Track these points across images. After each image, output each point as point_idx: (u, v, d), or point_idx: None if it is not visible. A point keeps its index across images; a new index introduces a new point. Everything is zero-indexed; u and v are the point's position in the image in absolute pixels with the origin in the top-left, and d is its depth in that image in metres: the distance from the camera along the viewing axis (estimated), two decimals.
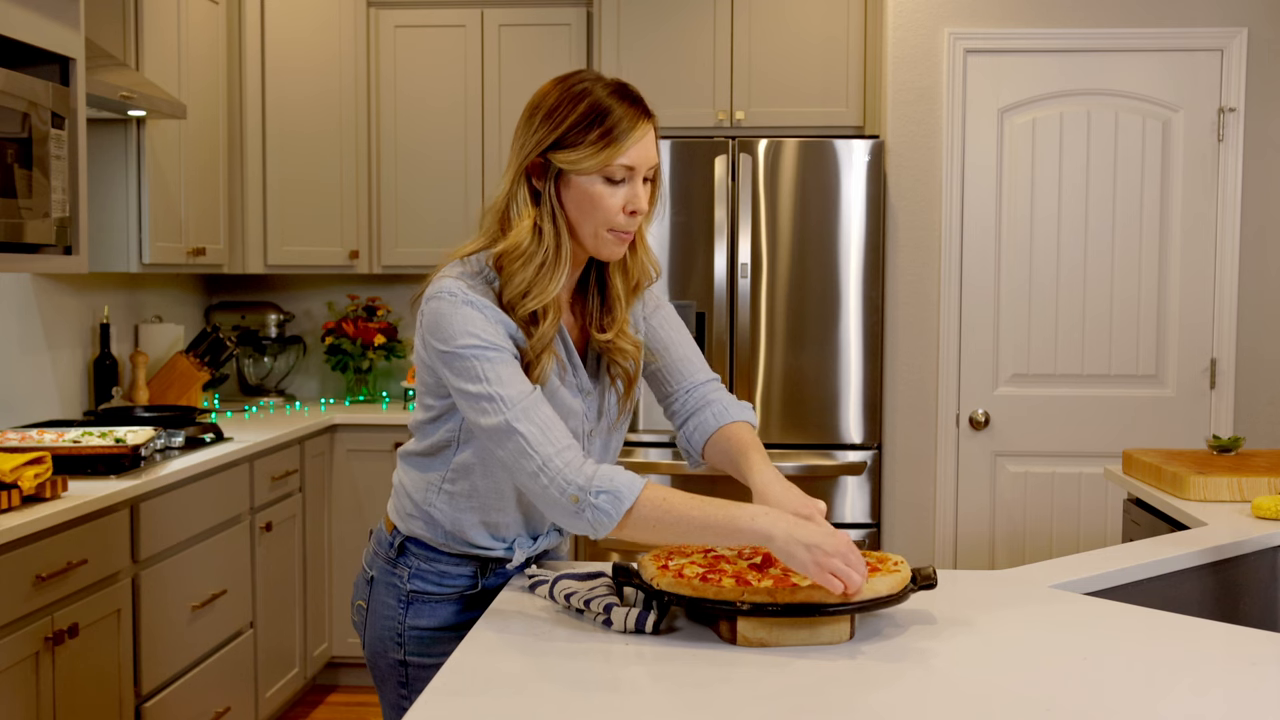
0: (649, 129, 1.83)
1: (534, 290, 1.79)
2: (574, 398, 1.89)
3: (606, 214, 1.80)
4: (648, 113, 1.84)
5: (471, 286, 1.80)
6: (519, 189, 1.82)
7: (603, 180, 1.79)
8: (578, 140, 1.78)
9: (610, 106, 1.80)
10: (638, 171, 1.81)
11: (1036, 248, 4.21)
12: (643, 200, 1.82)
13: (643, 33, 4.45)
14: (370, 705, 4.38)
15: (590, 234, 1.83)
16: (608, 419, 1.97)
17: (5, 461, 2.65)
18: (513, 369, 1.77)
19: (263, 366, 4.85)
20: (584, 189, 1.80)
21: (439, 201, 4.69)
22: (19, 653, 2.54)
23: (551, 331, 1.81)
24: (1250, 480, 2.75)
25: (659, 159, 1.87)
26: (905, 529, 4.27)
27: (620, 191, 1.80)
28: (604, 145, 1.78)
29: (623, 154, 1.79)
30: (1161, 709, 1.48)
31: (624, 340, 1.91)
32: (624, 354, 1.92)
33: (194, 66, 4.08)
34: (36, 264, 2.98)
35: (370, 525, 4.44)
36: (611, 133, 1.78)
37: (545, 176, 1.81)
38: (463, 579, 1.96)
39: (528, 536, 1.98)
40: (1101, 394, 4.22)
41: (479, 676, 1.59)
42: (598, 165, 1.78)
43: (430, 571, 1.96)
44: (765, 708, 1.47)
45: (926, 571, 1.80)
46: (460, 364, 1.77)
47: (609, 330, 1.90)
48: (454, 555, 1.96)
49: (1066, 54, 4.17)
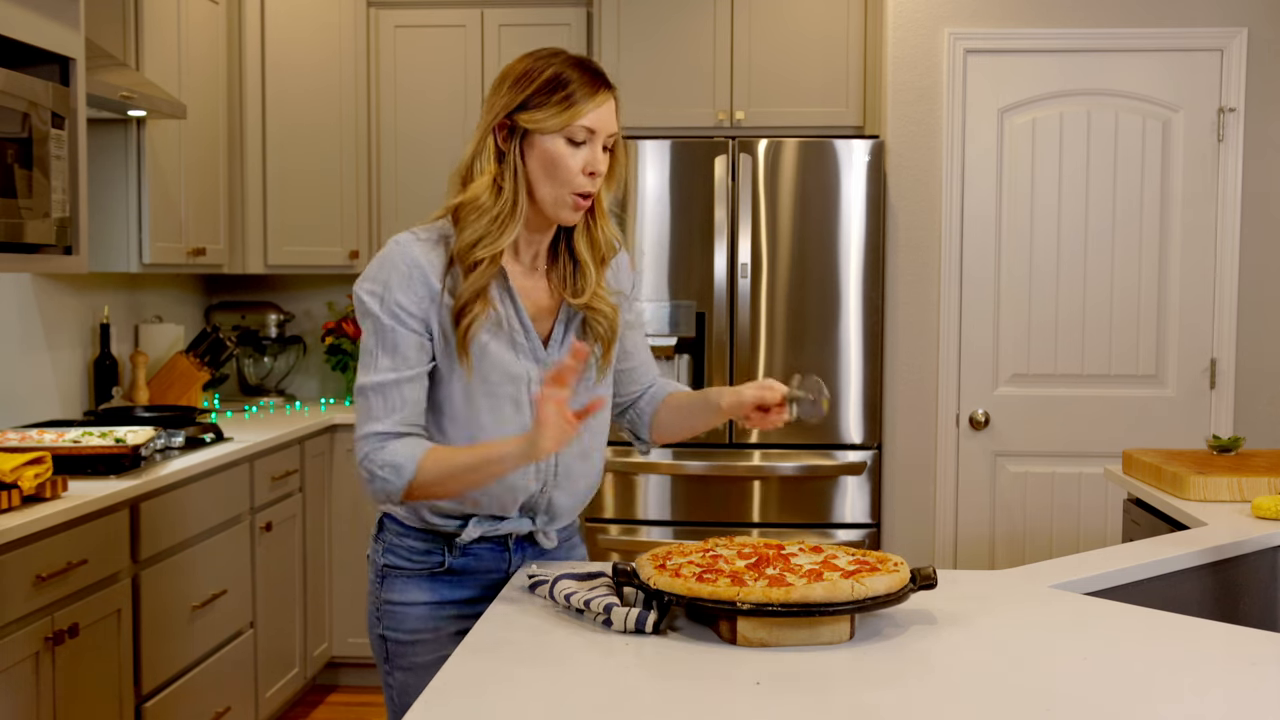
0: (609, 98, 1.94)
1: (484, 240, 1.91)
2: (518, 360, 1.96)
3: (567, 174, 1.91)
4: (609, 84, 1.95)
5: (420, 240, 1.94)
6: (484, 149, 1.96)
7: (564, 140, 1.90)
8: (542, 102, 1.90)
9: (574, 74, 1.91)
10: (598, 135, 1.92)
11: (1036, 247, 4.21)
12: (601, 164, 1.93)
13: (643, 33, 4.45)
14: (370, 705, 4.38)
15: (550, 196, 1.93)
16: (585, 385, 2.02)
17: (5, 461, 2.65)
18: (404, 343, 1.90)
19: (263, 366, 4.85)
20: (547, 149, 1.91)
21: (439, 201, 4.65)
22: (19, 653, 2.54)
23: (481, 280, 1.90)
24: (1250, 480, 2.75)
25: (619, 130, 1.97)
26: (905, 529, 4.27)
27: (581, 153, 1.91)
28: (566, 106, 1.89)
29: (583, 116, 1.90)
30: (1161, 709, 1.48)
31: (599, 302, 2.01)
32: (601, 314, 2.01)
33: (194, 66, 4.08)
34: (36, 264, 2.98)
35: (369, 525, 4.44)
36: (573, 96, 1.89)
37: (511, 138, 1.93)
38: (431, 555, 2.03)
39: (486, 516, 2.01)
40: (1101, 394, 4.22)
41: (479, 676, 1.59)
42: (560, 124, 1.89)
43: (401, 547, 2.04)
44: (765, 708, 1.47)
45: (926, 571, 1.80)
46: (366, 320, 1.92)
47: (583, 294, 2.00)
48: (420, 530, 2.02)
49: (1066, 54, 4.17)
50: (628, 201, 4.16)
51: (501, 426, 1.95)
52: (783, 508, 4.18)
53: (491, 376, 1.94)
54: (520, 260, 2.00)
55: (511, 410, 1.96)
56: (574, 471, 2.05)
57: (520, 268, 2.00)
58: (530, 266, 2.01)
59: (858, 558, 1.83)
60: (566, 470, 2.04)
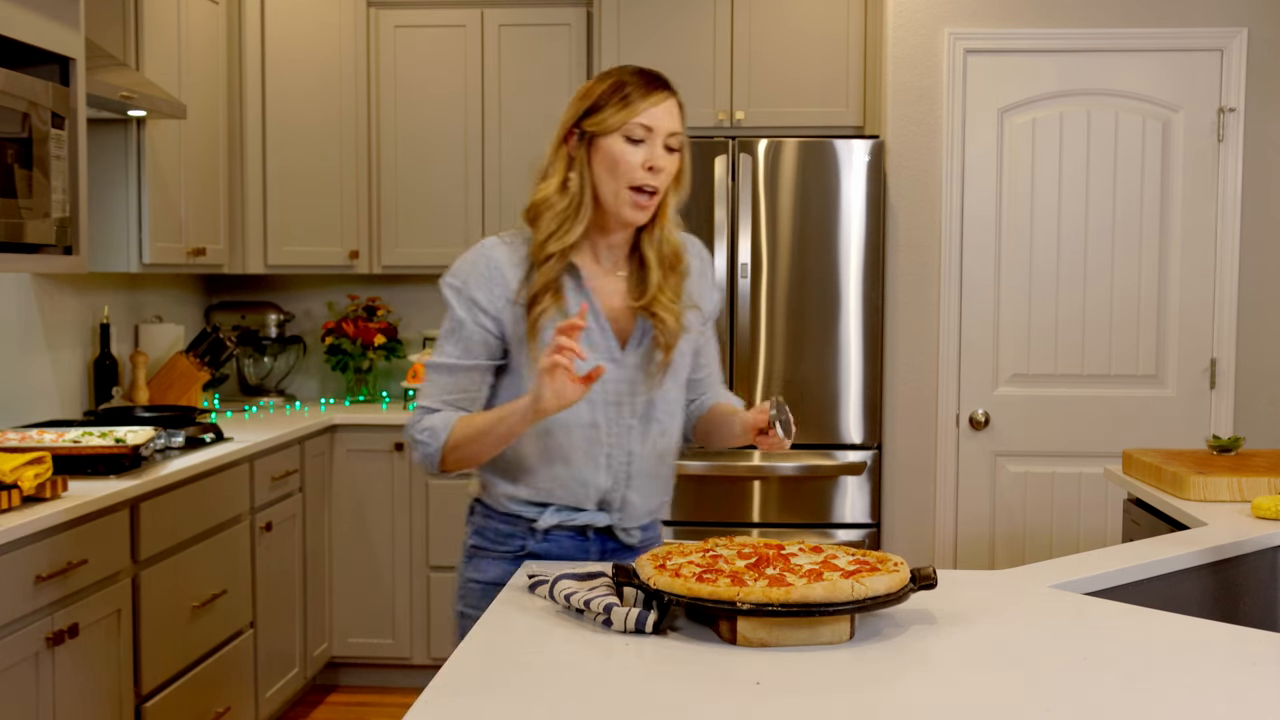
0: (668, 99, 2.05)
1: (555, 235, 2.04)
2: (593, 356, 2.03)
3: (626, 169, 2.01)
4: (668, 87, 2.06)
5: (504, 243, 2.11)
6: (556, 156, 2.09)
7: (624, 139, 2.02)
8: (603, 104, 2.03)
9: (632, 79, 2.05)
10: (656, 133, 2.02)
11: (1036, 247, 4.21)
12: (661, 160, 2.02)
13: (643, 33, 4.45)
14: (370, 705, 4.38)
15: (612, 193, 2.03)
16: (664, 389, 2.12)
17: (5, 461, 2.65)
18: (471, 336, 2.06)
19: (263, 366, 4.85)
20: (608, 148, 2.03)
21: (439, 202, 4.69)
22: (19, 653, 2.54)
23: (551, 274, 2.03)
24: (1250, 480, 2.75)
25: (682, 131, 2.06)
26: (905, 529, 4.27)
27: (640, 150, 2.02)
28: (623, 106, 2.01)
29: (639, 114, 2.01)
30: (1161, 709, 1.48)
31: (660, 308, 2.09)
32: (660, 320, 2.08)
33: (194, 66, 4.08)
34: (36, 264, 2.98)
35: (370, 525, 4.45)
36: (629, 96, 2.02)
37: (579, 143, 2.06)
38: (514, 539, 2.13)
39: (564, 506, 2.10)
40: (1101, 394, 4.22)
41: (479, 676, 1.59)
42: (618, 122, 2.01)
43: (487, 529, 2.16)
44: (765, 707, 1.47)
45: (926, 571, 1.80)
46: (448, 311, 2.09)
47: (644, 297, 2.09)
48: (504, 515, 2.14)
49: (1066, 54, 4.17)
50: None
51: (571, 420, 2.04)
52: (783, 508, 4.18)
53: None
54: (600, 263, 2.12)
55: (583, 406, 2.03)
56: (647, 471, 2.13)
57: (600, 269, 2.11)
58: (612, 271, 2.12)
59: (858, 558, 1.83)
60: (640, 470, 2.12)
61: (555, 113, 4.84)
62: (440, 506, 4.42)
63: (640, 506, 2.15)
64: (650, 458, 2.13)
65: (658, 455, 2.14)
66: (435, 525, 4.43)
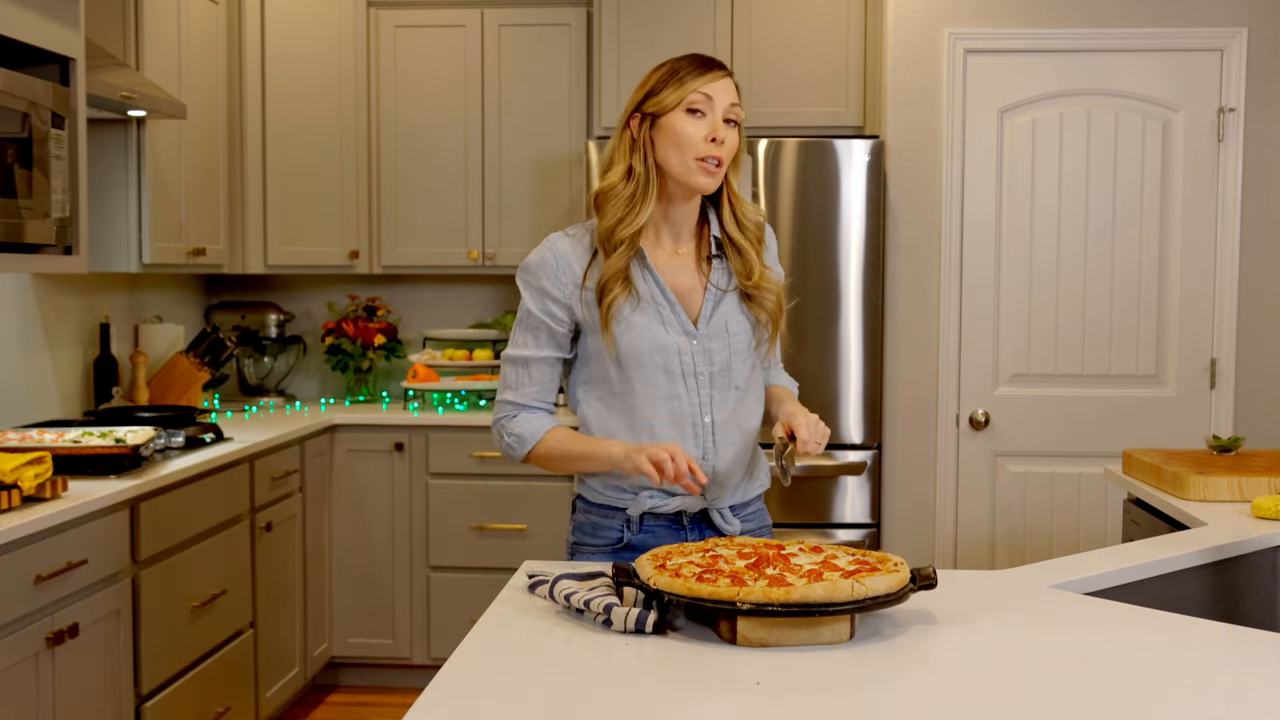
0: (721, 75, 2.11)
1: (623, 221, 2.10)
2: (667, 334, 2.12)
3: (691, 141, 2.07)
4: (721, 66, 2.12)
5: (569, 236, 2.17)
6: (620, 143, 2.14)
7: (685, 112, 2.08)
8: (661, 86, 2.10)
9: (685, 62, 2.12)
10: (715, 102, 2.08)
11: (1036, 248, 4.21)
12: (723, 130, 2.08)
13: (643, 33, 4.45)
14: (370, 705, 4.38)
15: (679, 165, 2.09)
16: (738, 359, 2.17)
17: (5, 461, 2.65)
18: (542, 327, 2.15)
19: (263, 366, 4.85)
20: (671, 126, 2.08)
21: (439, 202, 4.69)
22: (19, 653, 2.54)
23: (620, 262, 2.09)
24: (1250, 480, 2.75)
25: (739, 105, 2.12)
26: (905, 529, 4.27)
27: (702, 123, 2.08)
28: (680, 84, 2.08)
29: (698, 87, 2.07)
30: (1161, 709, 1.48)
31: (765, 280, 2.17)
32: (768, 291, 2.17)
33: (194, 66, 4.08)
34: (36, 264, 2.98)
35: (370, 525, 4.45)
36: (684, 75, 2.09)
37: (640, 126, 2.11)
38: (611, 530, 2.18)
39: (661, 491, 2.14)
40: (1101, 394, 4.22)
41: (479, 676, 1.59)
42: (677, 99, 2.08)
43: (586, 524, 2.21)
44: (765, 708, 1.47)
45: (926, 571, 1.80)
46: (520, 304, 2.18)
47: (753, 275, 2.16)
48: (602, 506, 2.19)
49: (1066, 54, 4.17)
50: None
51: (654, 395, 2.12)
52: (783, 508, 4.18)
53: (641, 349, 2.11)
54: (661, 244, 2.18)
55: (663, 379, 2.12)
56: (732, 440, 2.17)
57: (662, 251, 2.17)
58: (672, 250, 2.18)
59: (858, 558, 1.83)
60: (726, 439, 2.16)
61: (555, 113, 4.88)
62: (440, 506, 4.42)
63: (730, 478, 2.18)
64: (733, 426, 2.17)
65: (739, 424, 2.18)
66: (435, 525, 4.43)
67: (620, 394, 2.14)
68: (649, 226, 2.15)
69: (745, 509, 2.25)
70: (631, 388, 2.13)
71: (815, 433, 2.10)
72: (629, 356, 2.11)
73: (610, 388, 2.15)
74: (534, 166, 4.65)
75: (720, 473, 2.17)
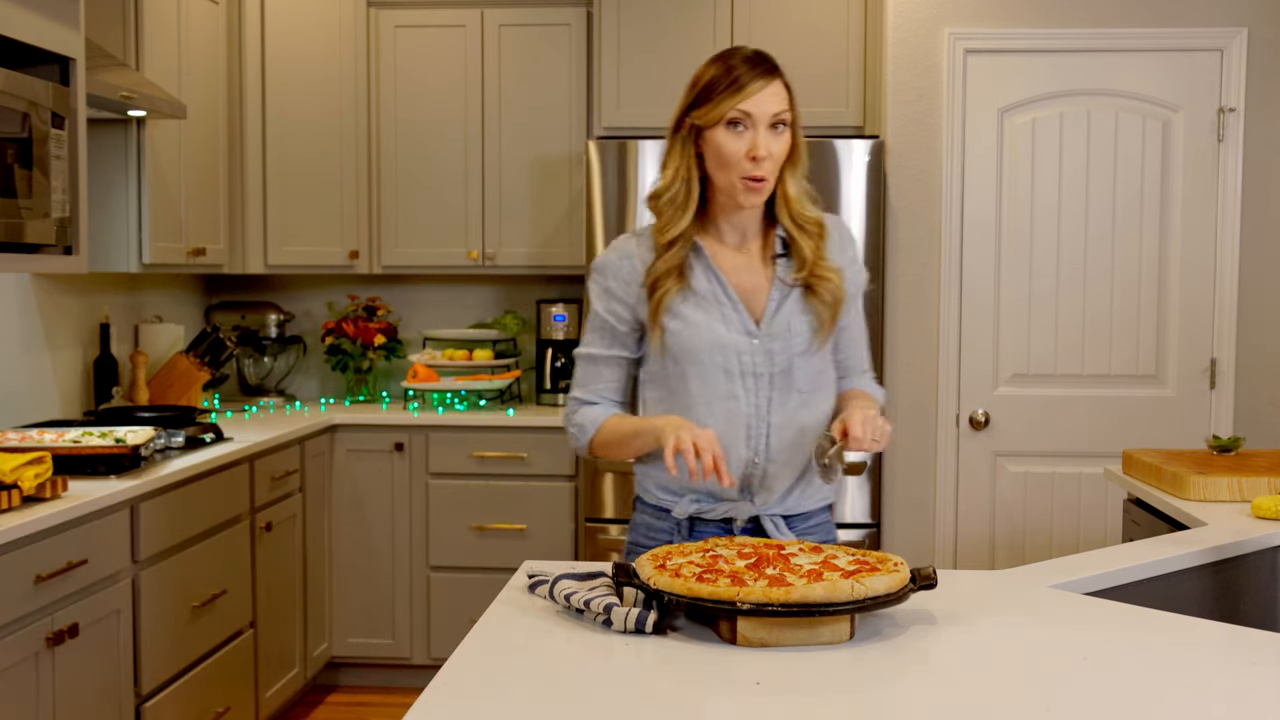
0: (769, 83, 2.06)
1: (669, 225, 2.11)
2: (728, 333, 2.10)
3: (732, 159, 2.05)
4: (771, 71, 2.07)
5: (635, 236, 2.18)
6: (673, 148, 2.12)
7: (725, 128, 2.05)
8: (703, 99, 2.07)
9: (733, 66, 2.06)
10: (757, 119, 2.04)
11: (1036, 248, 4.21)
12: (763, 147, 2.04)
13: (643, 33, 4.45)
14: (370, 705, 4.38)
15: (724, 183, 2.08)
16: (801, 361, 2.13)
17: (5, 461, 2.65)
18: (607, 326, 2.17)
19: (263, 366, 4.85)
20: (714, 141, 2.06)
21: (439, 202, 4.69)
22: (19, 653, 2.54)
23: (673, 260, 2.10)
24: (1250, 480, 2.75)
25: (787, 109, 2.08)
26: (905, 529, 4.27)
27: (743, 139, 2.05)
28: (718, 102, 2.05)
29: (738, 102, 2.03)
30: (1161, 709, 1.48)
31: (821, 270, 2.14)
32: (826, 280, 2.13)
33: (194, 66, 4.08)
34: (36, 264, 2.98)
35: (370, 525, 4.45)
36: (728, 86, 2.04)
37: (689, 135, 2.10)
38: (663, 534, 2.17)
39: (708, 495, 2.12)
40: (1101, 394, 4.22)
41: (479, 676, 1.59)
42: (717, 116, 2.05)
43: (641, 524, 2.22)
44: (765, 708, 1.47)
45: (926, 571, 1.80)
46: (589, 306, 2.21)
47: (804, 269, 2.13)
48: (654, 507, 2.19)
49: (1067, 54, 4.17)
50: (627, 201, 4.16)
51: (710, 394, 2.10)
52: None
53: (699, 347, 2.10)
54: (726, 243, 2.16)
55: (721, 378, 2.10)
56: (788, 443, 2.13)
57: (727, 249, 2.15)
58: (739, 249, 2.16)
59: (858, 558, 1.83)
60: (781, 442, 2.12)
61: (556, 113, 4.87)
62: (440, 506, 4.42)
63: (782, 483, 2.14)
64: (790, 430, 2.12)
65: (799, 427, 2.13)
66: (435, 525, 4.43)
67: (676, 392, 2.13)
68: (711, 226, 2.14)
69: (805, 521, 2.19)
70: (687, 386, 2.11)
71: (872, 429, 2.01)
72: (685, 354, 2.10)
73: (668, 385, 2.15)
74: (534, 166, 4.65)
75: (770, 476, 2.13)
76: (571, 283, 4.86)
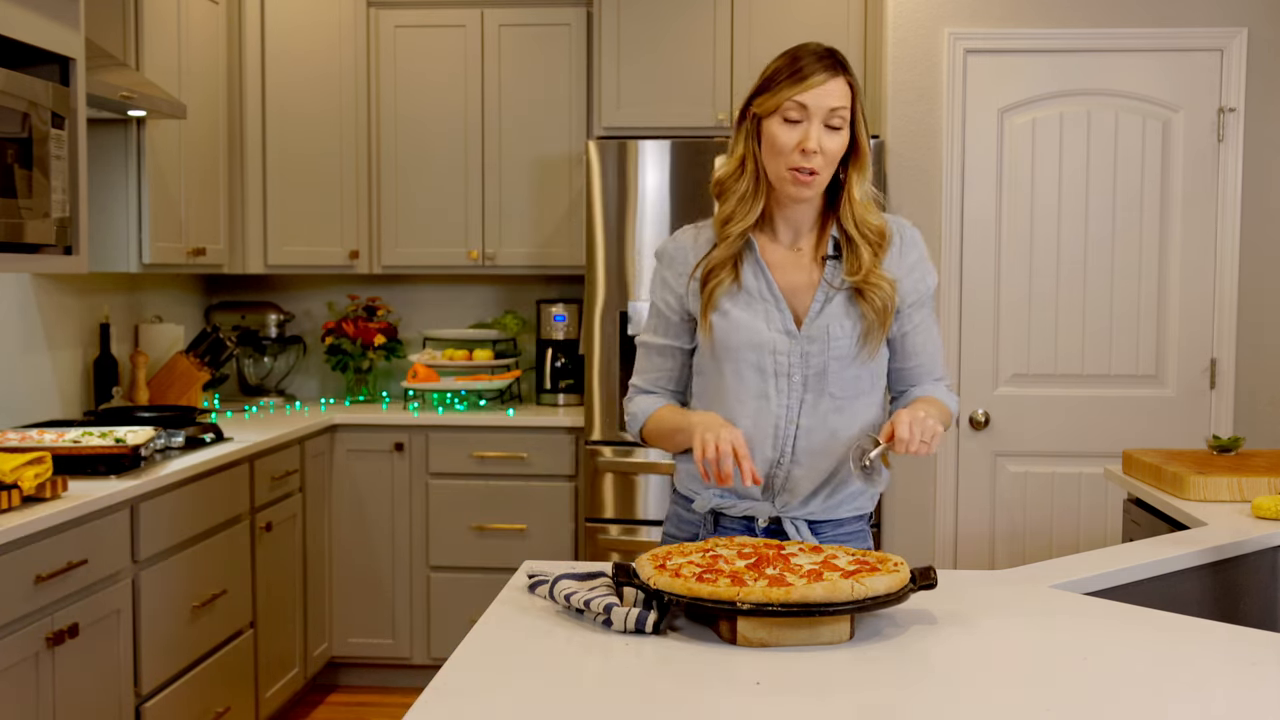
0: (830, 78, 2.04)
1: (735, 217, 2.10)
2: (768, 331, 2.10)
3: (782, 149, 2.04)
4: (834, 66, 2.06)
5: (696, 227, 2.19)
6: (738, 137, 2.12)
7: (781, 120, 2.05)
8: (764, 88, 2.08)
9: (799, 57, 2.06)
10: (812, 113, 2.03)
11: (1036, 248, 4.21)
12: (815, 141, 2.03)
13: (643, 33, 4.45)
14: (370, 705, 4.38)
15: (774, 173, 2.07)
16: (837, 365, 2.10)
17: (5, 461, 2.65)
18: (663, 316, 2.19)
19: (263, 366, 4.85)
20: (769, 131, 2.06)
21: (439, 201, 4.69)
22: (19, 653, 2.54)
23: (728, 251, 2.09)
24: (1250, 480, 2.75)
25: (846, 107, 2.06)
26: (905, 529, 4.27)
27: (795, 131, 2.04)
28: (776, 90, 2.05)
29: (795, 94, 2.03)
30: (1161, 709, 1.48)
31: (875, 278, 2.11)
32: (878, 288, 2.10)
33: (194, 66, 4.08)
34: (36, 264, 2.98)
35: (370, 525, 4.45)
36: (788, 78, 2.04)
37: (751, 125, 2.10)
38: (691, 524, 2.20)
39: (730, 491, 2.13)
40: (1101, 394, 4.22)
41: (479, 676, 1.59)
42: (774, 105, 2.05)
43: (673, 513, 2.25)
44: (765, 708, 1.47)
45: (926, 571, 1.80)
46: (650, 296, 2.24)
47: (858, 273, 2.10)
48: (684, 497, 2.22)
49: (1066, 54, 4.17)
50: (627, 201, 4.16)
51: (744, 392, 2.10)
52: None
53: (737, 344, 2.10)
54: (779, 240, 2.15)
55: (755, 376, 2.10)
56: (816, 448, 2.11)
57: (779, 246, 2.15)
58: (791, 246, 2.15)
59: (858, 558, 1.83)
60: (808, 445, 2.11)
61: (555, 113, 4.88)
62: (440, 506, 4.42)
63: (806, 487, 2.12)
64: (820, 433, 2.10)
65: (829, 432, 2.11)
66: (435, 525, 4.43)
67: (715, 386, 2.14)
68: (765, 222, 2.14)
69: (838, 529, 2.17)
70: (724, 381, 2.12)
71: (920, 430, 1.96)
72: (724, 349, 2.11)
73: (709, 379, 2.16)
74: (534, 166, 4.65)
75: (794, 479, 2.12)
76: (571, 283, 4.86)
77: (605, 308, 4.20)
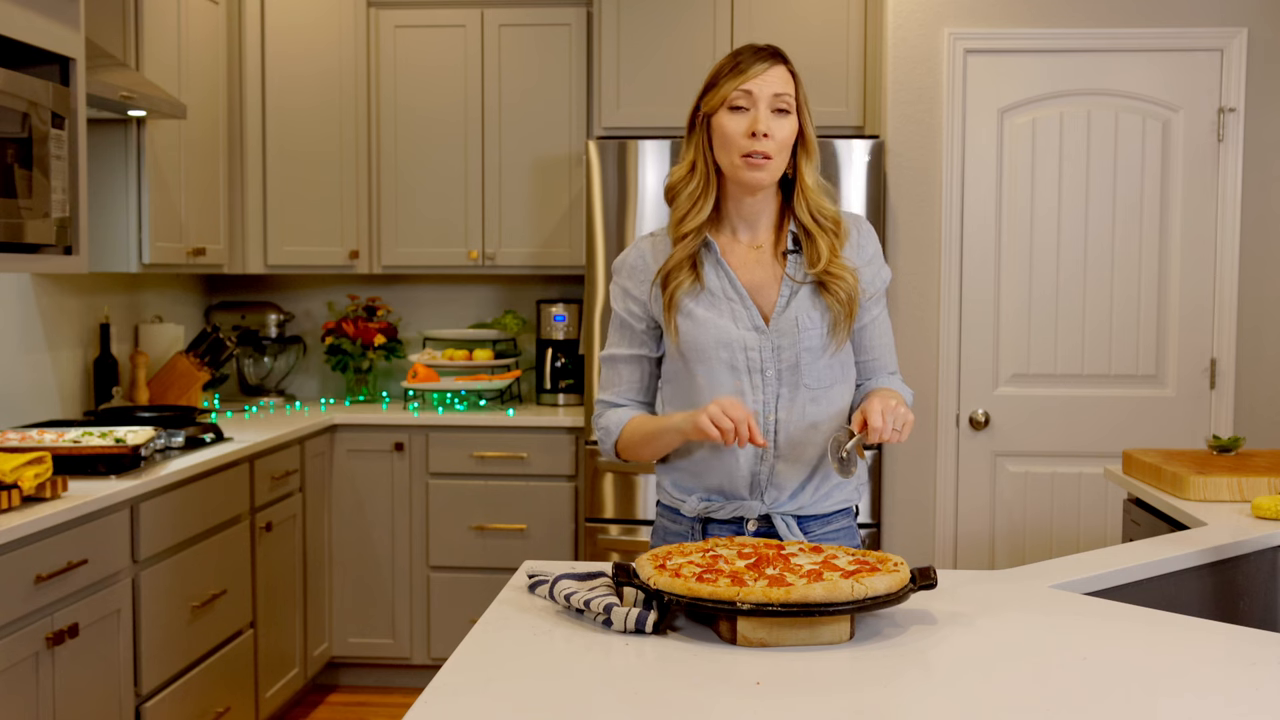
0: (771, 66, 2.10)
1: (687, 216, 2.13)
2: (736, 329, 2.11)
3: (734, 139, 2.08)
4: (774, 56, 2.12)
5: (652, 236, 2.21)
6: (689, 140, 2.17)
7: (728, 110, 2.09)
8: (713, 84, 2.13)
9: (739, 53, 2.13)
10: (757, 98, 2.08)
11: (1036, 248, 4.21)
12: (763, 124, 2.06)
13: (643, 33, 4.45)
14: (370, 705, 4.38)
15: (727, 163, 2.10)
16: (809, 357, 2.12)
17: (5, 461, 2.65)
18: (625, 327, 2.20)
19: (263, 366, 4.85)
20: (718, 124, 2.10)
21: (439, 201, 4.69)
22: (19, 653, 2.54)
23: (684, 252, 2.12)
24: (1250, 480, 2.75)
25: (790, 94, 2.10)
26: (905, 529, 4.27)
27: (744, 118, 2.08)
28: (726, 80, 2.10)
29: (740, 83, 2.08)
30: (1161, 709, 1.48)
31: (836, 268, 2.12)
32: (840, 280, 2.12)
33: (194, 66, 4.08)
34: (36, 264, 2.98)
35: (370, 525, 4.45)
36: (730, 71, 2.10)
37: (701, 125, 2.14)
38: (679, 535, 2.18)
39: (718, 493, 2.14)
40: (1101, 394, 4.22)
41: (479, 676, 1.59)
42: (721, 97, 2.10)
43: (659, 526, 2.24)
44: (765, 708, 1.47)
45: (927, 571, 1.80)
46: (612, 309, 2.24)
47: (819, 263, 2.12)
48: (669, 509, 2.21)
49: (1066, 54, 4.17)
50: (627, 201, 4.16)
51: (718, 390, 2.10)
52: None
53: (706, 344, 2.11)
54: (739, 239, 2.17)
55: (726, 374, 2.11)
56: (796, 439, 2.12)
57: (740, 245, 2.17)
58: (751, 245, 2.17)
59: (858, 558, 1.83)
60: (789, 438, 2.12)
61: (555, 113, 4.87)
62: (440, 506, 4.42)
63: (792, 480, 2.13)
64: (799, 425, 2.11)
65: (809, 424, 2.12)
66: (435, 525, 4.43)
67: (687, 390, 2.14)
68: (724, 222, 2.16)
69: (824, 525, 2.17)
70: (696, 383, 2.12)
71: (892, 419, 1.99)
72: (693, 350, 2.11)
73: (680, 384, 2.16)
74: (534, 166, 4.65)
75: (779, 473, 2.12)
76: (571, 283, 4.86)
77: (605, 308, 4.20)
